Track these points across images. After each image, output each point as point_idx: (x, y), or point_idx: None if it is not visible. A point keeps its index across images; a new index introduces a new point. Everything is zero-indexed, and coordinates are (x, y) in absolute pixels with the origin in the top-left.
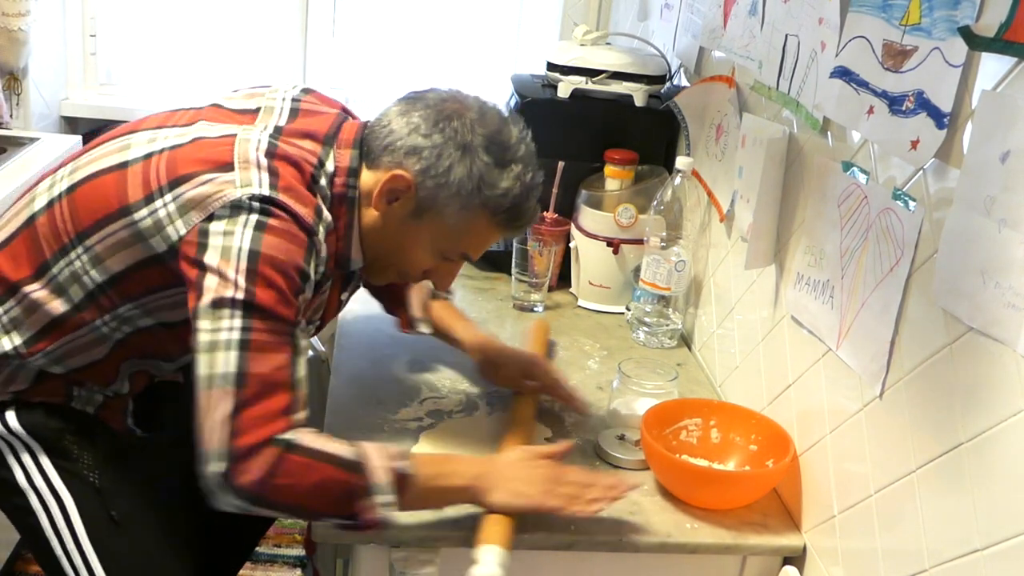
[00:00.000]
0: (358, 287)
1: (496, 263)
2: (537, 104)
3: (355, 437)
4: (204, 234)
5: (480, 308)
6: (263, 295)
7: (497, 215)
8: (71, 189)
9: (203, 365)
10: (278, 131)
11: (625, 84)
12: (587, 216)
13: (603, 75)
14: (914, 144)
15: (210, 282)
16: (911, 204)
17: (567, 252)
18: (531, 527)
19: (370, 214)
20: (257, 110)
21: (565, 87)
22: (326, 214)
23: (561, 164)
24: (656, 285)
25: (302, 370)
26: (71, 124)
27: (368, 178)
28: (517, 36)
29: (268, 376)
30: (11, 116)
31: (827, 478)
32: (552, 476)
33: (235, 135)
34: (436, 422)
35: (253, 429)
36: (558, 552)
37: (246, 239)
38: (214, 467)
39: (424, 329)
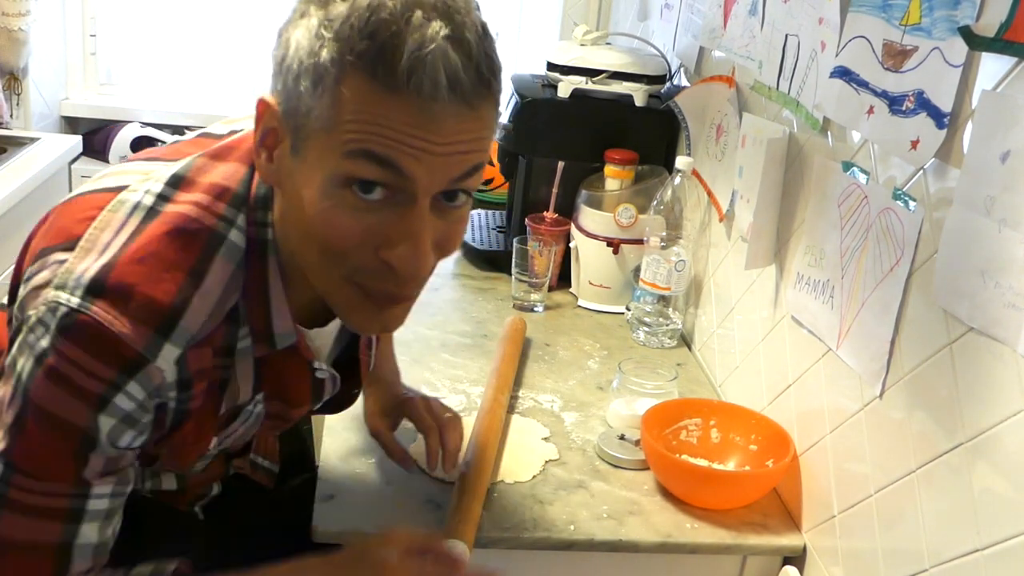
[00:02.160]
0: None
1: (496, 263)
2: (537, 104)
3: (355, 437)
4: (12, 343)
5: (480, 308)
6: (22, 456)
7: (356, 54)
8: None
9: None
10: (177, 179)
11: (625, 84)
12: (587, 216)
13: (603, 75)
14: (914, 144)
15: None
16: (911, 204)
17: (567, 252)
18: (531, 527)
19: (278, 219)
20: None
21: (565, 87)
22: (216, 302)
23: (561, 164)
24: (656, 285)
25: (85, 538)
26: (71, 124)
27: None
28: (517, 36)
29: (26, 544)
30: (11, 116)
31: (827, 478)
32: None
33: (124, 187)
34: None
35: None
36: (558, 552)
37: (26, 369)
38: None
39: None
